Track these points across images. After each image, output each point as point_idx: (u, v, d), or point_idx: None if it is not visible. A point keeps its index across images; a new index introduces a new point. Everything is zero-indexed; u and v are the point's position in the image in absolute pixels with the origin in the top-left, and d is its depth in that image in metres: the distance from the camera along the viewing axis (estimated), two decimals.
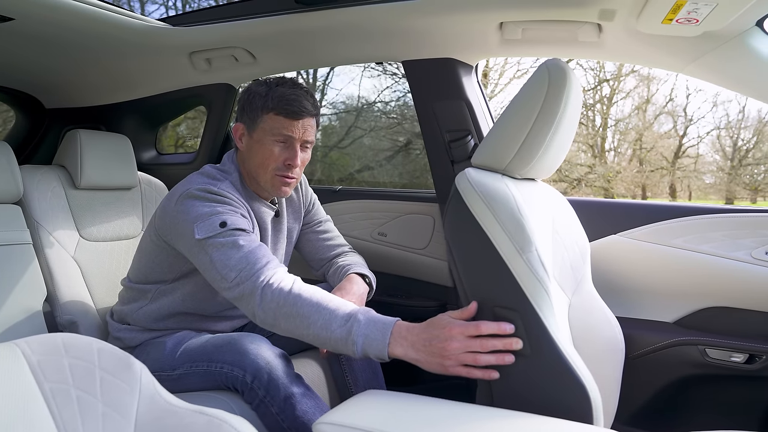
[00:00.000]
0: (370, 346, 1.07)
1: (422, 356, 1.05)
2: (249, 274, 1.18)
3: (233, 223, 1.24)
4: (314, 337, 1.11)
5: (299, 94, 1.35)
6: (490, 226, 1.05)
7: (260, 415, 1.23)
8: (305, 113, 1.34)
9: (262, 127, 1.35)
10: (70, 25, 1.50)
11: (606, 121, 6.06)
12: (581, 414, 0.99)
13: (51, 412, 0.85)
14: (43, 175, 1.68)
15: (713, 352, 1.40)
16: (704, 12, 1.09)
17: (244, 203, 1.37)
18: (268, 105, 1.33)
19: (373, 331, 1.08)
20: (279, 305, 1.14)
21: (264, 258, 1.20)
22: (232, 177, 1.40)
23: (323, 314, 1.11)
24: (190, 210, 1.27)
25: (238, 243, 1.21)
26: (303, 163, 1.40)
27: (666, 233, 1.50)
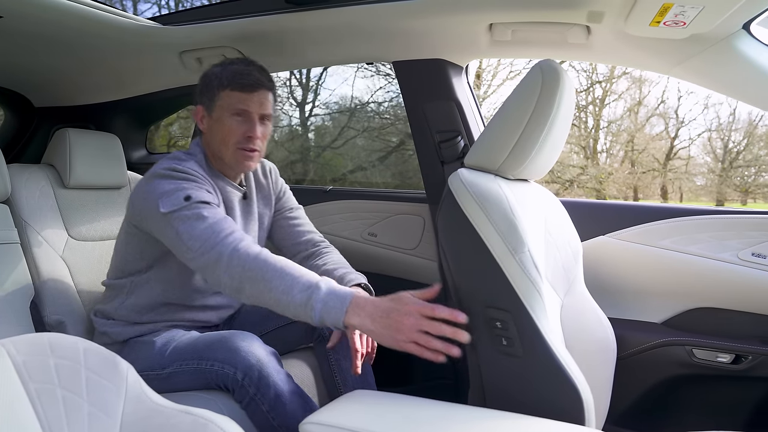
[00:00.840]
0: (328, 313, 1.08)
1: (377, 327, 1.05)
2: (215, 242, 1.18)
3: (197, 196, 1.26)
4: (275, 301, 1.12)
5: (252, 69, 1.39)
6: (483, 226, 1.06)
7: (250, 414, 1.23)
8: (260, 86, 1.38)
9: (220, 104, 1.38)
10: (60, 24, 1.49)
11: (598, 123, 6.08)
12: (573, 415, 1.00)
13: (36, 412, 0.85)
14: (32, 174, 1.67)
15: (700, 353, 1.41)
16: (691, 15, 1.10)
17: (210, 182, 1.39)
18: (222, 83, 1.37)
19: (332, 299, 1.09)
20: (245, 269, 1.14)
21: (229, 228, 1.21)
22: (198, 158, 1.42)
23: (286, 279, 1.12)
24: (155, 188, 1.29)
25: (203, 215, 1.22)
26: (264, 137, 1.42)
27: (654, 234, 1.51)
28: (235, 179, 1.48)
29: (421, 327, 1.03)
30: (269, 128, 1.44)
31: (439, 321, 1.04)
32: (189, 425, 0.90)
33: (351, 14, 1.47)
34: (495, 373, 1.08)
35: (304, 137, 6.32)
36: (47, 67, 1.85)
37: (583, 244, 1.46)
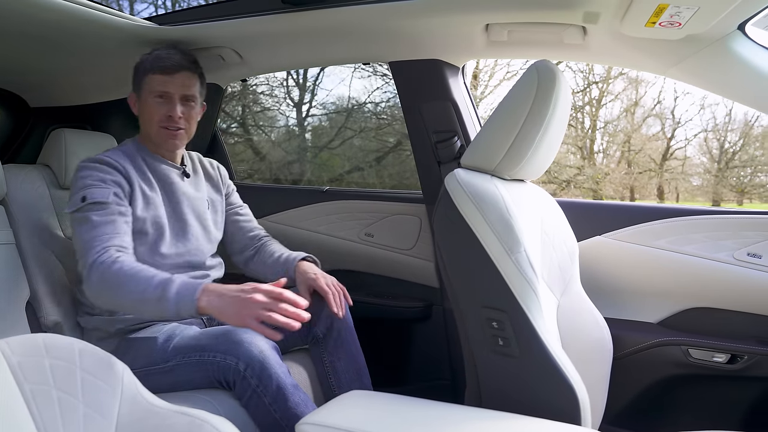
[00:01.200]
0: (182, 302, 1.19)
1: (224, 306, 1.18)
2: (86, 252, 1.30)
3: (91, 196, 1.35)
4: (133, 303, 1.23)
5: (173, 52, 1.50)
6: (479, 226, 1.06)
7: (252, 407, 1.23)
8: (181, 68, 1.48)
9: (145, 88, 1.49)
10: (55, 24, 1.49)
11: (595, 123, 6.08)
12: (569, 414, 1.00)
13: (31, 413, 0.85)
14: (27, 175, 1.66)
15: (696, 353, 1.41)
16: (686, 15, 1.10)
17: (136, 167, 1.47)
18: (146, 67, 1.49)
19: (184, 290, 1.21)
20: (102, 279, 1.25)
21: (105, 236, 1.31)
22: (127, 146, 1.53)
23: (140, 281, 1.22)
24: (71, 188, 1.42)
25: (90, 218, 1.33)
26: (188, 118, 1.51)
27: (650, 234, 1.51)
28: (173, 160, 1.57)
29: (266, 306, 1.15)
30: (195, 109, 1.53)
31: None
32: (185, 426, 0.89)
33: (347, 14, 1.47)
34: (491, 373, 1.08)
35: (301, 137, 6.32)
36: (43, 67, 1.84)
37: (579, 244, 1.46)
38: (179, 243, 1.50)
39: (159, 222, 1.46)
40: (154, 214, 1.46)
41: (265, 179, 4.67)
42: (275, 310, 1.16)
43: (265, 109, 5.70)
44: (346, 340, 1.46)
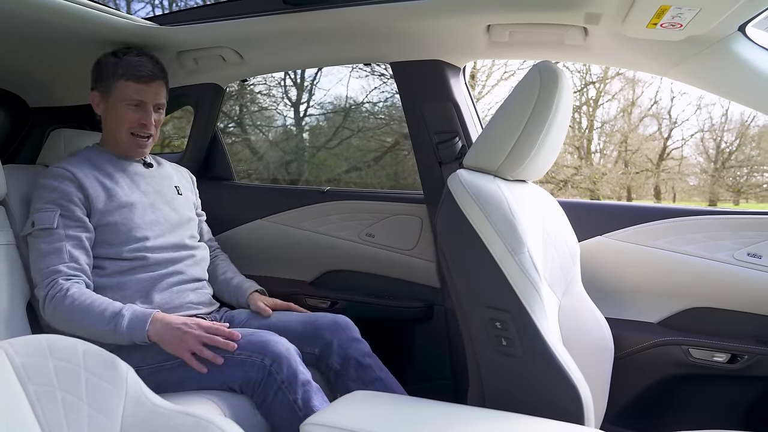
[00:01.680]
0: (133, 333, 1.31)
1: (167, 336, 1.31)
2: (37, 281, 1.40)
3: (39, 222, 1.42)
4: (89, 335, 1.30)
5: (145, 60, 1.53)
6: (483, 227, 1.06)
7: (276, 404, 1.25)
8: (155, 77, 1.53)
9: (116, 94, 1.51)
10: (55, 24, 1.48)
11: (592, 123, 6.09)
12: (573, 414, 1.00)
13: (36, 414, 0.85)
14: (26, 175, 1.66)
15: (696, 352, 1.42)
16: (688, 17, 1.11)
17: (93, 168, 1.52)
18: (118, 73, 1.50)
19: (135, 322, 1.32)
20: (55, 312, 1.35)
21: (52, 266, 1.38)
22: (86, 152, 1.58)
23: (92, 316, 1.32)
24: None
25: (38, 246, 1.41)
26: (157, 124, 1.58)
27: (650, 234, 1.51)
28: (131, 156, 1.61)
29: (200, 340, 1.29)
30: (162, 116, 1.59)
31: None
32: (190, 426, 0.90)
33: (349, 15, 1.47)
34: (494, 373, 1.08)
35: (298, 137, 6.31)
36: (42, 68, 1.84)
37: (580, 245, 1.47)
38: (153, 226, 1.53)
39: (127, 207, 1.50)
40: (120, 202, 1.50)
41: (262, 179, 4.66)
42: (208, 343, 1.30)
43: (262, 109, 5.69)
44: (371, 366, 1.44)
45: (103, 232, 1.47)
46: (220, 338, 1.30)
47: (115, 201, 1.49)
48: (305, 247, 1.92)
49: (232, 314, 1.61)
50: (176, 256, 1.54)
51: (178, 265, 1.54)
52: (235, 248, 1.95)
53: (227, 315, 1.61)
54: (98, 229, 1.47)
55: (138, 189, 1.56)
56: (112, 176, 1.53)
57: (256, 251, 2.01)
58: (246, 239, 2.01)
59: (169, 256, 1.53)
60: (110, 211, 1.48)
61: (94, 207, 1.46)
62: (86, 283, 1.41)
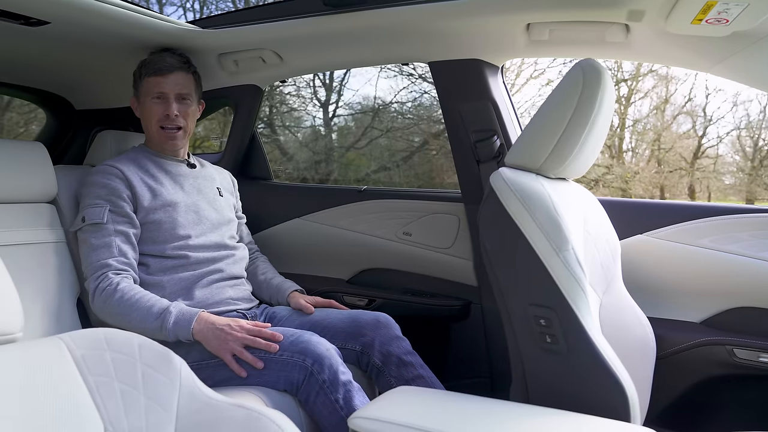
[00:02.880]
0: (179, 332, 1.34)
1: (210, 336, 1.34)
2: (87, 275, 1.45)
3: (89, 217, 1.47)
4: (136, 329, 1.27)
5: (165, 55, 1.60)
6: (527, 225, 1.07)
7: (319, 404, 1.27)
8: (174, 69, 1.58)
9: (142, 92, 1.61)
10: (103, 28, 1.53)
11: (624, 122, 5.99)
12: (619, 412, 1.00)
13: (96, 404, 0.88)
14: (76, 175, 1.71)
15: (741, 352, 1.40)
16: (735, 12, 1.09)
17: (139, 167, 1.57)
18: (142, 72, 1.60)
19: (181, 320, 1.35)
20: (104, 306, 1.40)
21: (102, 260, 1.43)
22: (133, 151, 1.64)
23: (140, 312, 1.36)
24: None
25: (89, 241, 1.46)
26: (186, 116, 1.62)
27: (693, 233, 1.49)
28: (177, 156, 1.67)
29: (243, 342, 1.32)
30: (191, 107, 1.63)
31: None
32: (242, 419, 0.92)
33: (388, 16, 1.48)
34: (538, 370, 1.08)
35: (327, 138, 6.36)
36: (89, 71, 1.90)
37: (620, 243, 1.46)
38: (195, 225, 1.57)
39: (170, 206, 1.55)
40: (164, 201, 1.54)
41: (291, 179, 4.71)
42: (250, 345, 1.33)
43: (292, 110, 5.75)
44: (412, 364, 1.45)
45: (147, 229, 1.52)
46: (261, 340, 1.32)
47: (159, 199, 1.54)
48: (342, 245, 1.94)
49: (274, 311, 1.63)
50: (216, 255, 1.58)
51: (219, 263, 1.58)
52: (273, 246, 1.98)
53: (269, 312, 1.63)
54: (143, 227, 1.52)
55: (181, 189, 1.61)
56: (156, 176, 1.59)
57: (294, 250, 2.04)
58: (284, 238, 2.04)
59: (210, 255, 1.57)
60: (155, 210, 1.52)
61: (140, 204, 1.51)
62: (134, 278, 1.45)
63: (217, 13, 1.80)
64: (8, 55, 1.70)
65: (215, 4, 6.19)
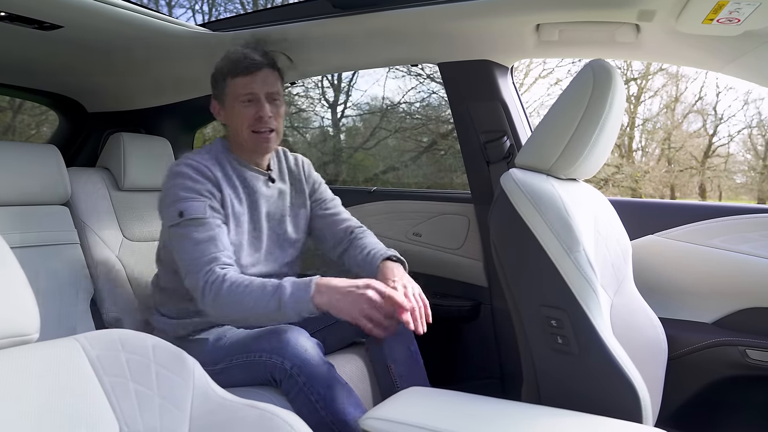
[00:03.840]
0: (298, 305, 1.22)
1: (339, 303, 1.21)
2: (195, 270, 1.30)
3: (189, 212, 1.33)
4: (253, 316, 1.25)
5: (247, 51, 1.45)
6: (538, 226, 1.07)
7: (298, 405, 1.25)
8: (260, 66, 1.43)
9: (228, 94, 1.46)
10: (116, 32, 1.55)
11: (633, 121, 5.96)
12: (631, 413, 1.00)
13: (111, 404, 0.89)
14: (89, 177, 1.73)
15: (754, 353, 1.39)
16: (747, 11, 1.09)
17: (224, 173, 1.44)
18: (224, 72, 1.46)
19: (297, 292, 1.22)
20: (216, 299, 1.26)
21: (209, 255, 1.30)
22: (215, 148, 1.49)
23: (254, 294, 1.24)
24: (162, 193, 1.41)
25: (191, 235, 1.32)
26: (276, 116, 1.46)
27: (704, 233, 1.49)
28: (260, 165, 1.53)
29: (374, 305, 1.20)
30: (281, 107, 1.48)
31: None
32: (255, 419, 0.92)
33: (397, 17, 1.48)
34: (550, 370, 1.08)
35: (336, 138, 6.37)
36: (101, 74, 1.91)
37: (631, 243, 1.45)
38: (254, 253, 1.48)
39: (240, 235, 1.45)
40: (237, 228, 1.45)
41: None
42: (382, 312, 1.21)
43: (300, 111, 5.76)
44: (405, 338, 1.47)
45: None
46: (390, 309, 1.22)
47: (232, 224, 1.44)
48: None
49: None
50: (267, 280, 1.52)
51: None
52: None
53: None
54: None
55: (252, 216, 1.50)
56: (238, 194, 1.47)
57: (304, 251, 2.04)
58: None
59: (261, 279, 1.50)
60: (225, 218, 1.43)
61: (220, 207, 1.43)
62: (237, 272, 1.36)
63: (225, 15, 1.80)
64: (22, 59, 1.73)
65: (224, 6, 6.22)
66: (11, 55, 1.67)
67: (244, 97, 1.43)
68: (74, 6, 1.36)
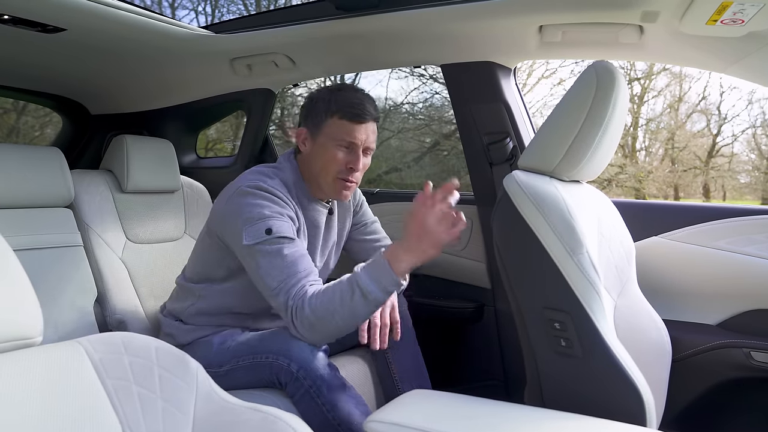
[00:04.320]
0: (381, 284, 1.19)
1: (421, 256, 1.19)
2: (287, 288, 1.25)
3: (278, 230, 1.28)
4: (345, 319, 1.20)
5: (362, 98, 1.39)
6: (541, 228, 1.06)
7: (303, 407, 1.25)
8: (369, 117, 1.39)
9: (326, 131, 1.39)
10: (119, 34, 1.55)
11: (637, 121, 5.95)
12: (634, 415, 0.99)
13: (114, 407, 0.89)
14: (92, 180, 1.74)
15: (759, 355, 1.38)
16: (750, 12, 1.08)
17: (293, 202, 1.40)
18: (332, 109, 1.38)
19: (374, 272, 1.20)
20: (313, 312, 1.22)
21: (304, 270, 1.27)
22: (285, 175, 1.43)
23: (336, 296, 1.20)
24: (239, 210, 1.32)
25: (282, 252, 1.27)
26: (364, 168, 1.43)
27: (709, 235, 1.48)
28: (323, 199, 1.50)
29: (438, 227, 1.18)
30: (369, 160, 1.45)
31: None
32: (258, 422, 0.92)
33: (401, 19, 1.48)
34: (553, 373, 1.08)
35: None
36: (104, 77, 1.92)
37: (635, 245, 1.45)
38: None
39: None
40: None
41: None
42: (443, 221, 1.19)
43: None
44: (407, 340, 1.47)
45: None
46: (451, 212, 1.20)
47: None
48: None
49: None
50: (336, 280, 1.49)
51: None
52: None
53: None
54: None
55: (310, 243, 1.47)
56: (301, 227, 1.42)
57: None
58: None
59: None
60: None
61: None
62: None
63: (228, 16, 1.80)
64: (25, 62, 1.73)
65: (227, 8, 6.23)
66: (15, 57, 1.68)
67: (345, 142, 1.38)
68: (77, 9, 1.36)
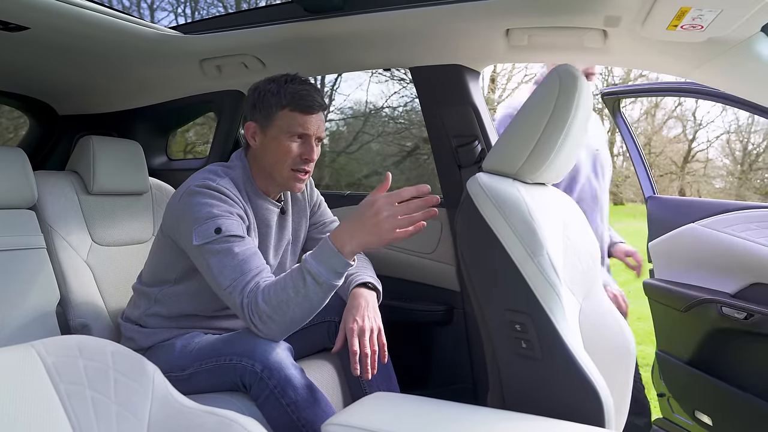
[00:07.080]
0: (331, 266, 1.19)
1: (367, 239, 1.17)
2: (240, 286, 1.25)
3: (228, 229, 1.28)
4: (301, 306, 1.20)
5: (310, 89, 1.39)
6: (502, 230, 1.07)
7: (268, 409, 1.24)
8: (318, 107, 1.40)
9: (278, 124, 1.38)
10: (84, 34, 1.53)
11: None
12: (593, 417, 1.00)
13: (66, 412, 0.87)
14: (57, 181, 1.71)
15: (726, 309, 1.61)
16: (709, 18, 1.10)
17: (243, 201, 1.40)
18: (282, 102, 1.37)
19: (321, 255, 1.20)
20: (268, 305, 1.22)
21: (255, 268, 1.27)
22: (235, 173, 1.43)
23: (289, 286, 1.20)
24: (189, 209, 1.32)
25: (232, 250, 1.27)
26: (315, 159, 1.44)
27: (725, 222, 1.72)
28: (274, 196, 1.49)
29: (397, 215, 1.15)
30: (320, 149, 1.46)
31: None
32: (214, 425, 0.91)
33: (369, 21, 1.48)
34: (514, 376, 1.08)
35: None
36: (71, 76, 1.89)
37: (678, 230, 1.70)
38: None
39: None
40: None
41: None
42: (406, 213, 1.16)
43: None
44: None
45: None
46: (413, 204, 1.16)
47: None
48: None
49: None
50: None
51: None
52: None
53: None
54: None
55: (261, 242, 1.47)
56: (249, 215, 1.42)
57: None
58: None
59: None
60: None
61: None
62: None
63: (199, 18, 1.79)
64: None
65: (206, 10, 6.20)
66: None
67: (297, 133, 1.38)
68: (40, 7, 1.34)
